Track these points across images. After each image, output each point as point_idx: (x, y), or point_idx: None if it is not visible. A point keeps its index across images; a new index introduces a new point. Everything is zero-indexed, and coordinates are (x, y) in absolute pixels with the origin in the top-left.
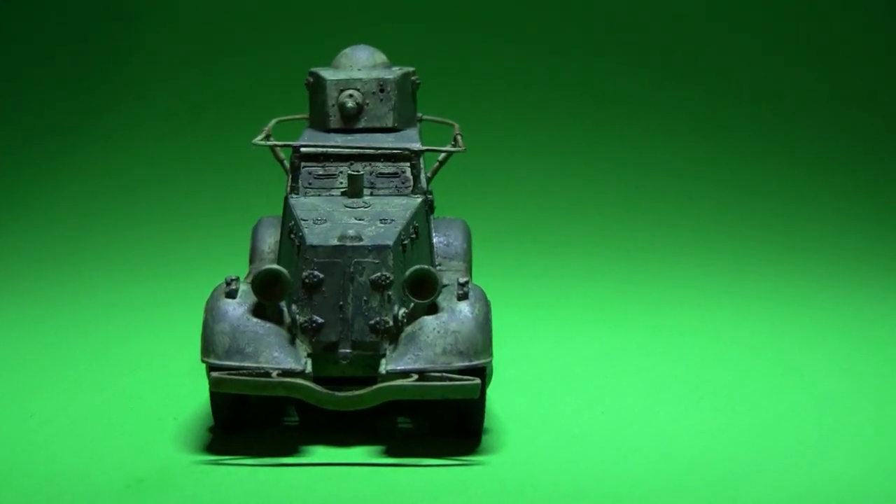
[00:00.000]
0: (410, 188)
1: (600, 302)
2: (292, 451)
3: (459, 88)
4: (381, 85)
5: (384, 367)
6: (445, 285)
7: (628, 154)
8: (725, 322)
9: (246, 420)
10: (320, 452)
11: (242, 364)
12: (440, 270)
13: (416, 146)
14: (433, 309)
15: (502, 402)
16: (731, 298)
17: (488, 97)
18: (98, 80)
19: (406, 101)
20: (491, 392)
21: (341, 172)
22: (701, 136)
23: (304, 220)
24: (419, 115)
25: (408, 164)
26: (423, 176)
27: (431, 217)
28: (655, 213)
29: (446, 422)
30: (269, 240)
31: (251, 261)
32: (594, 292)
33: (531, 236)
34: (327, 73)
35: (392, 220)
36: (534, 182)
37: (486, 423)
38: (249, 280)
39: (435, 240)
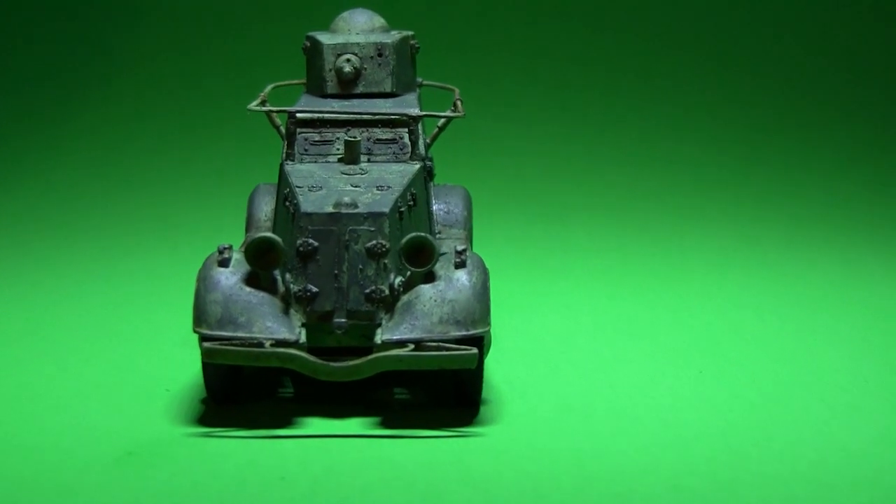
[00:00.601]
0: (408, 154)
1: (603, 271)
2: (287, 423)
3: (462, 53)
4: (379, 49)
5: (380, 336)
6: (444, 253)
7: (633, 121)
8: (730, 291)
9: (239, 391)
10: (315, 424)
11: (235, 334)
12: (439, 238)
13: (414, 111)
14: (430, 277)
15: (501, 372)
16: (736, 267)
17: (492, 62)
18: (93, 49)
19: (405, 66)
20: (490, 362)
21: (338, 139)
22: (706, 105)
23: (300, 188)
24: (419, 80)
25: (406, 129)
26: (421, 142)
27: (431, 184)
28: (660, 182)
29: (444, 392)
30: (266, 207)
31: (247, 228)
32: (597, 261)
33: (534, 204)
34: (324, 38)
35: (389, 188)
36: (537, 149)
37: (485, 394)
38: (243, 248)
39: (435, 207)
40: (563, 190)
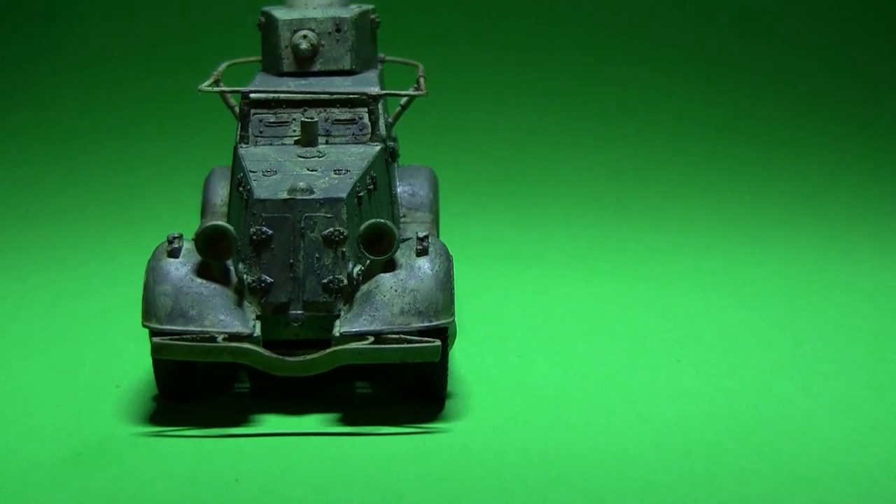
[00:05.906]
0: (368, 135)
1: (578, 254)
2: (242, 421)
3: (426, 25)
4: (338, 24)
5: (338, 328)
6: (407, 238)
7: (611, 95)
8: (710, 274)
9: (193, 387)
10: (272, 422)
11: (186, 328)
12: (404, 222)
13: (374, 90)
14: (390, 266)
15: (469, 363)
16: (718, 249)
17: (459, 35)
18: (38, 24)
19: (364, 42)
20: (457, 352)
21: (294, 119)
22: (684, 82)
23: (253, 172)
24: (381, 55)
25: (365, 109)
26: (381, 122)
27: (394, 165)
28: (639, 160)
29: (408, 385)
30: (222, 192)
31: (203, 214)
32: (572, 244)
33: (505, 184)
34: (280, 13)
35: (347, 171)
36: (508, 126)
37: (451, 387)
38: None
39: (399, 189)
40: (536, 169)
